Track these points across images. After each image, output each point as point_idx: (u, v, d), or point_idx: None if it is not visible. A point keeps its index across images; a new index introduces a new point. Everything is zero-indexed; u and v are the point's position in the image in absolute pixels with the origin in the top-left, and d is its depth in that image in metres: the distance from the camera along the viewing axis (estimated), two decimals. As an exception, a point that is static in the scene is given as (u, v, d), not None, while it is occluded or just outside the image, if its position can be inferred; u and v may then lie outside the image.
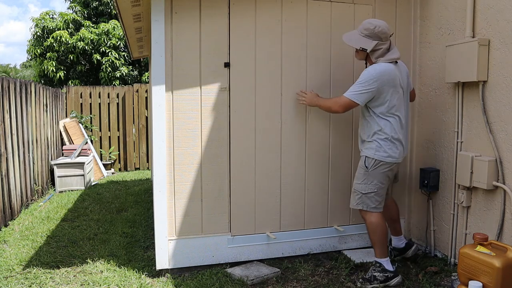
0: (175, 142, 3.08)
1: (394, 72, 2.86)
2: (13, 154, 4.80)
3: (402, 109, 2.91)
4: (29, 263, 3.37)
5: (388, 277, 2.87)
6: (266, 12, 3.19)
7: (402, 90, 2.92)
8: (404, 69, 3.03)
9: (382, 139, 2.86)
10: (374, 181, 2.89)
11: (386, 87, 2.81)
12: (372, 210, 2.91)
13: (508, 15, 2.68)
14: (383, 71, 2.81)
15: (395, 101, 2.85)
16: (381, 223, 2.91)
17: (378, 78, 2.79)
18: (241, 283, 2.91)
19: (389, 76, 2.82)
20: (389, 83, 2.82)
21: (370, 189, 2.89)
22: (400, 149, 2.90)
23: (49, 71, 11.60)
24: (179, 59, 3.04)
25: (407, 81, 3.02)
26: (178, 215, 3.12)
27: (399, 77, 2.89)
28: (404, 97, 2.94)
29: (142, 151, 8.75)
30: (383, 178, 2.90)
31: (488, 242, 2.44)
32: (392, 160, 2.88)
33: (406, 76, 3.01)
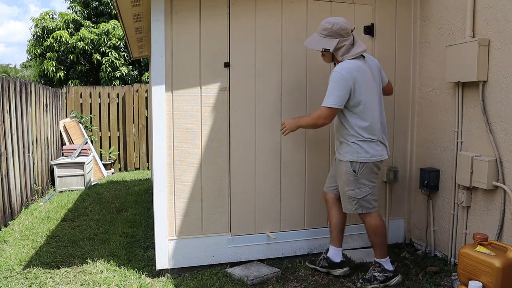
0: (175, 142, 3.08)
1: (363, 67, 2.78)
2: (13, 154, 4.80)
3: (377, 105, 2.83)
4: (29, 263, 3.37)
5: (388, 277, 2.87)
6: (266, 12, 3.19)
7: (376, 85, 2.85)
8: (375, 63, 2.94)
9: (361, 140, 2.78)
10: (366, 183, 2.84)
11: (357, 84, 2.73)
12: (371, 210, 2.90)
13: (508, 15, 2.68)
14: (351, 68, 2.73)
15: (369, 98, 2.77)
16: (381, 223, 2.90)
17: (349, 76, 2.70)
18: (241, 283, 2.91)
19: (358, 72, 2.74)
20: (360, 79, 2.74)
21: (365, 192, 2.85)
22: (382, 146, 2.86)
23: (49, 71, 11.60)
24: (179, 59, 3.04)
25: (379, 75, 2.94)
26: (178, 215, 3.12)
27: (369, 72, 2.82)
28: (377, 93, 2.86)
29: (142, 151, 8.75)
30: (373, 178, 2.87)
31: (488, 242, 2.44)
32: (376, 159, 2.83)
33: (377, 71, 2.93)
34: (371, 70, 2.85)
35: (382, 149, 2.86)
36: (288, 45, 3.26)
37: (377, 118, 2.83)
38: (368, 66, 2.85)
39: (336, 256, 3.05)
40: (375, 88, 2.85)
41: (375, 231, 2.89)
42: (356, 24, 3.40)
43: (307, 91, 3.32)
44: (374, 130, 2.80)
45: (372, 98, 2.80)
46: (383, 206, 3.61)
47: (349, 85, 2.71)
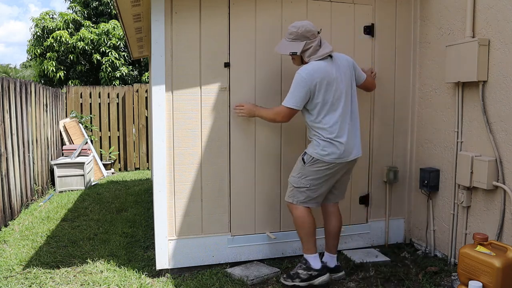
0: (175, 142, 3.08)
1: (326, 69, 2.74)
2: (13, 154, 4.80)
3: (342, 104, 2.77)
4: (29, 263, 3.37)
5: (312, 275, 2.80)
6: (266, 12, 3.19)
7: (343, 85, 2.79)
8: (345, 62, 2.88)
9: (321, 139, 2.76)
10: (309, 177, 2.81)
11: (318, 85, 2.71)
12: (300, 204, 2.85)
13: (508, 15, 2.68)
14: (312, 70, 2.72)
15: (330, 99, 2.74)
16: (307, 217, 2.84)
17: (308, 78, 2.70)
18: (241, 283, 2.91)
19: (320, 74, 2.71)
20: (322, 80, 2.71)
21: (303, 184, 2.82)
22: (342, 149, 2.75)
23: (49, 71, 11.60)
24: (179, 59, 3.04)
25: (350, 73, 2.88)
26: (178, 215, 3.12)
27: (334, 72, 2.76)
28: (345, 92, 2.80)
29: (142, 151, 8.76)
30: (319, 176, 2.79)
31: (488, 242, 2.44)
32: (330, 159, 2.75)
33: (348, 69, 2.87)
34: (338, 70, 2.80)
35: (342, 152, 2.75)
36: (288, 45, 3.26)
37: (339, 119, 2.76)
38: (335, 66, 2.80)
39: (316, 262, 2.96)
40: (342, 88, 2.78)
41: (298, 224, 2.87)
42: (356, 24, 3.40)
43: (307, 91, 3.32)
44: (335, 130, 2.74)
45: (335, 98, 2.75)
46: (383, 206, 3.61)
47: (308, 86, 2.70)
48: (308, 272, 2.82)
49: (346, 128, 2.78)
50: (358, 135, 2.90)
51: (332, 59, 2.82)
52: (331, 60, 2.82)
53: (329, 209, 3.04)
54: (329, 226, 3.05)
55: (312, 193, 2.84)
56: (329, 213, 3.04)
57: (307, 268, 2.83)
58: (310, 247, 2.86)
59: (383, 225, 3.63)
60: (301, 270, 2.85)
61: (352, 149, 2.82)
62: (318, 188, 2.84)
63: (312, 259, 2.85)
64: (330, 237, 3.04)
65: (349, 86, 2.85)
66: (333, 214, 3.04)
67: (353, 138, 2.83)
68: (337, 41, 3.35)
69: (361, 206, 3.57)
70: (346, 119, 2.79)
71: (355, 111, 2.88)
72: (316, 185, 2.82)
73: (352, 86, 2.89)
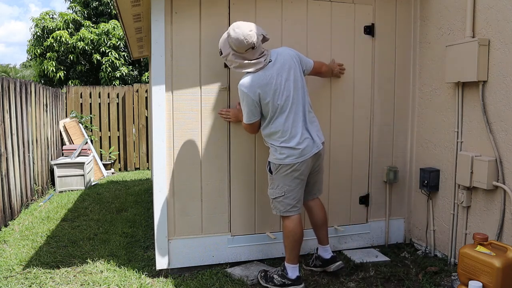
0: (175, 142, 3.08)
1: (263, 76, 2.68)
2: (13, 154, 4.80)
3: (289, 105, 2.71)
4: (29, 263, 3.37)
5: (285, 283, 2.80)
6: (266, 12, 3.19)
7: (288, 83, 2.72)
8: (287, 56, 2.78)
9: (278, 146, 2.74)
10: (280, 184, 2.78)
11: (262, 93, 2.67)
12: (284, 214, 2.81)
13: (508, 15, 2.68)
14: (251, 81, 2.68)
15: (278, 101, 2.70)
16: (294, 229, 2.80)
17: (250, 91, 2.67)
18: (241, 283, 2.91)
19: (259, 81, 2.67)
20: (262, 88, 2.67)
21: (278, 194, 2.80)
22: (299, 148, 2.70)
23: (49, 71, 11.61)
24: (179, 59, 3.04)
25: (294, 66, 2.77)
26: (178, 215, 3.12)
27: (275, 76, 2.69)
28: (293, 89, 2.73)
29: (142, 151, 8.76)
30: (289, 180, 2.76)
31: (488, 242, 2.44)
32: (291, 161, 2.71)
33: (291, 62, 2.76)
34: (279, 69, 2.72)
35: (300, 150, 2.71)
36: (288, 45, 3.24)
37: (288, 120, 2.71)
38: (274, 68, 2.71)
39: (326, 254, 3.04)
40: (288, 88, 2.72)
41: (286, 234, 2.82)
42: (356, 24, 3.40)
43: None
44: (286, 133, 2.71)
45: (283, 101, 2.71)
46: (383, 206, 3.61)
47: (252, 99, 2.68)
48: (282, 279, 2.81)
49: (298, 126, 2.73)
50: (315, 127, 2.84)
51: (272, 60, 2.73)
52: (270, 62, 2.73)
53: (308, 204, 3.03)
54: (313, 219, 3.05)
55: (290, 200, 2.79)
56: (310, 208, 3.04)
57: (282, 275, 2.82)
58: (292, 257, 2.82)
59: (383, 225, 3.63)
60: (276, 275, 2.84)
61: (311, 144, 2.76)
62: (293, 193, 2.79)
63: (290, 269, 2.82)
64: (317, 228, 3.05)
65: (297, 81, 2.76)
66: (313, 207, 3.03)
67: (309, 132, 2.77)
68: (337, 41, 3.35)
69: (361, 206, 3.57)
70: (297, 117, 2.73)
71: (307, 103, 2.81)
72: (291, 191, 2.78)
73: (300, 79, 2.79)
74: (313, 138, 2.78)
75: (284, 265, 2.87)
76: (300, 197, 2.84)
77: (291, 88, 2.74)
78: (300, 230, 2.82)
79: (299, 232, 2.82)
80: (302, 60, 2.90)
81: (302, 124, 2.76)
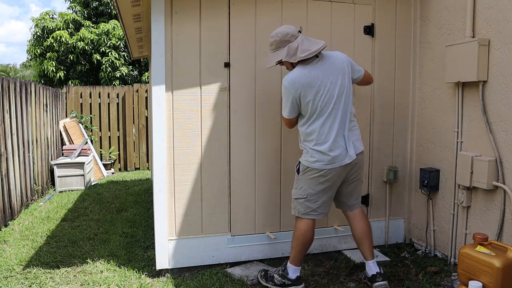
0: (175, 142, 3.08)
1: (310, 74, 2.63)
2: (13, 154, 4.80)
3: (329, 109, 2.65)
4: (29, 263, 3.37)
5: (285, 283, 2.79)
6: (266, 12, 3.19)
7: (333, 87, 2.65)
8: (338, 60, 2.73)
9: (310, 146, 2.70)
10: (304, 186, 2.74)
11: (303, 92, 2.63)
12: (302, 216, 2.78)
13: (508, 15, 2.68)
14: (295, 77, 2.64)
15: (320, 104, 2.64)
16: (305, 232, 2.77)
17: (291, 87, 2.64)
18: (241, 283, 2.91)
19: (303, 80, 2.62)
20: (305, 86, 2.62)
21: (300, 195, 2.77)
22: (330, 155, 2.64)
23: (49, 71, 11.61)
24: (179, 59, 3.04)
25: (344, 71, 2.71)
26: (178, 215, 3.12)
27: (321, 76, 2.64)
28: (337, 94, 2.66)
29: (142, 151, 8.76)
30: (314, 184, 2.71)
31: (488, 242, 2.43)
32: (320, 166, 2.66)
33: (342, 67, 2.71)
34: (327, 72, 2.66)
35: (332, 157, 2.65)
36: (288, 45, 3.26)
37: (325, 124, 2.66)
38: (323, 68, 2.66)
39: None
40: (332, 91, 2.65)
41: (297, 236, 2.79)
42: (356, 24, 3.40)
43: (307, 91, 3.32)
44: (320, 137, 2.66)
45: (323, 103, 2.64)
46: (383, 206, 3.61)
47: (292, 96, 2.65)
48: (283, 279, 2.81)
49: (335, 133, 2.65)
50: (354, 136, 2.76)
51: (321, 60, 2.69)
52: (319, 61, 2.69)
53: (348, 215, 2.93)
54: (353, 231, 2.92)
55: (312, 204, 2.74)
56: (350, 219, 2.93)
57: (282, 275, 2.81)
58: (296, 260, 2.81)
59: (383, 225, 3.63)
60: (277, 275, 2.84)
61: (344, 154, 2.68)
62: (316, 198, 2.74)
63: (292, 269, 2.81)
64: (358, 242, 2.88)
65: (344, 87, 2.69)
66: (353, 219, 2.91)
67: (345, 141, 2.69)
68: (337, 41, 3.35)
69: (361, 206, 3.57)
70: (336, 123, 2.66)
71: (349, 111, 2.73)
72: (313, 195, 2.73)
73: (348, 86, 2.72)
74: (347, 147, 2.69)
75: (285, 265, 2.85)
76: (323, 203, 2.76)
77: (335, 93, 2.66)
78: (311, 235, 2.79)
79: (309, 236, 2.79)
80: (354, 68, 2.81)
81: (339, 131, 2.67)
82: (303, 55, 2.62)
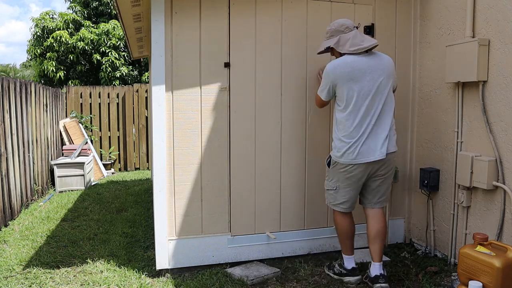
0: (175, 142, 3.08)
1: (356, 64, 2.69)
2: (13, 154, 4.80)
3: (366, 103, 2.69)
4: (29, 263, 3.37)
5: (342, 273, 2.97)
6: (266, 12, 3.19)
7: (374, 84, 2.70)
8: (386, 62, 2.78)
9: (338, 139, 2.79)
10: (334, 179, 2.89)
11: (341, 80, 2.70)
12: (332, 207, 2.97)
13: (508, 15, 2.68)
14: (337, 65, 2.73)
15: (355, 96, 2.69)
16: (339, 222, 2.95)
17: (332, 73, 2.74)
18: (241, 283, 2.91)
19: (345, 69, 2.69)
20: (345, 76, 2.69)
21: (330, 187, 2.94)
22: (360, 150, 2.69)
23: (49, 71, 11.60)
24: (179, 59, 3.04)
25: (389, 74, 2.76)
26: (178, 215, 3.12)
27: (366, 69, 2.69)
28: (375, 91, 2.70)
29: (142, 151, 8.75)
30: (342, 178, 2.82)
31: (488, 242, 2.44)
32: (346, 161, 2.74)
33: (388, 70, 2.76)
34: (373, 68, 2.70)
35: (359, 153, 2.70)
36: (288, 45, 3.26)
37: (359, 118, 2.70)
38: (371, 63, 2.71)
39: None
40: (371, 86, 2.69)
41: (335, 226, 3.02)
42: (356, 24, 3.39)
43: (307, 90, 3.32)
44: (349, 129, 2.71)
45: (360, 96, 2.69)
46: (383, 206, 3.61)
47: (330, 80, 2.76)
48: (340, 269, 2.99)
49: (364, 128, 2.70)
50: (384, 136, 2.73)
51: (368, 57, 2.74)
52: (366, 57, 2.73)
53: (366, 212, 2.95)
54: (368, 230, 2.91)
55: (339, 196, 2.88)
56: (368, 217, 2.92)
57: (340, 265, 3.00)
58: (344, 249, 2.98)
59: (383, 225, 3.62)
60: (337, 264, 3.02)
61: (372, 150, 2.71)
62: (343, 191, 2.86)
63: (346, 259, 2.98)
64: (369, 241, 2.87)
65: (384, 86, 2.73)
66: (370, 218, 2.91)
67: (375, 138, 2.71)
68: (337, 41, 3.35)
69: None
70: (367, 118, 2.70)
71: (385, 111, 2.74)
72: (341, 188, 2.86)
73: (388, 88, 2.76)
74: (377, 145, 2.71)
75: (342, 256, 3.02)
76: (349, 199, 2.88)
77: (373, 90, 2.70)
78: (345, 224, 2.94)
79: (345, 226, 2.94)
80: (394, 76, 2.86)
81: (370, 127, 2.71)
82: (352, 49, 2.73)
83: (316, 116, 3.36)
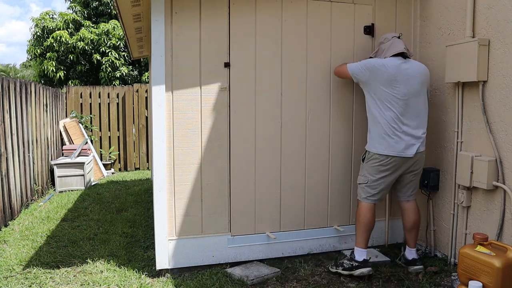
0: (175, 142, 3.09)
1: (398, 65, 2.94)
2: (13, 154, 4.80)
3: (402, 103, 2.92)
4: (29, 263, 3.37)
5: (353, 265, 2.99)
6: (266, 12, 3.19)
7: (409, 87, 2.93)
8: (423, 71, 3.03)
9: (376, 132, 3.01)
10: (366, 173, 3.08)
11: (379, 78, 2.94)
12: (362, 200, 3.10)
13: (508, 15, 2.68)
14: (380, 61, 2.98)
15: (391, 95, 2.93)
16: (362, 214, 3.07)
17: (373, 64, 2.98)
18: (241, 283, 2.91)
19: (386, 68, 2.93)
20: (382, 75, 2.93)
21: (362, 180, 3.11)
22: (396, 146, 2.93)
23: (49, 71, 11.60)
24: (179, 59, 3.04)
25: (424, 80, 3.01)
26: (178, 215, 3.12)
27: (403, 72, 2.93)
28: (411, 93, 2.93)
29: (142, 151, 8.75)
30: (374, 171, 3.03)
31: (488, 242, 2.44)
32: (383, 152, 2.96)
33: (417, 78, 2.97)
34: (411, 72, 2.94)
35: (396, 148, 2.93)
36: (288, 45, 3.26)
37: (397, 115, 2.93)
38: (408, 67, 2.95)
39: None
40: (407, 89, 2.93)
41: (356, 217, 3.13)
42: (356, 24, 3.40)
43: (307, 90, 3.33)
44: (391, 125, 2.93)
45: (398, 95, 2.92)
46: (383, 206, 3.61)
47: (369, 69, 2.99)
48: (350, 262, 3.02)
49: (400, 126, 2.93)
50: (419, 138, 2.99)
51: (408, 63, 2.99)
52: (407, 63, 2.98)
53: (402, 205, 3.23)
54: (404, 220, 3.23)
55: (371, 190, 3.06)
56: (403, 209, 3.23)
57: (350, 259, 3.05)
58: (360, 241, 3.06)
59: (383, 225, 3.63)
60: (346, 260, 3.06)
61: (408, 145, 2.95)
62: (376, 185, 3.04)
63: (358, 252, 3.04)
64: (406, 231, 3.21)
65: (421, 89, 2.99)
66: (406, 210, 3.20)
67: (410, 137, 2.95)
68: (337, 41, 3.36)
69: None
70: (404, 117, 2.94)
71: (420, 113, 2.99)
72: (373, 181, 3.04)
73: (424, 92, 3.03)
74: (410, 143, 2.96)
75: (353, 249, 3.09)
76: (381, 190, 3.07)
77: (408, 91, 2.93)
78: (368, 217, 3.06)
79: (367, 218, 3.06)
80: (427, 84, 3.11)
81: (406, 126, 2.95)
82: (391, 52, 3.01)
83: (316, 115, 3.36)
